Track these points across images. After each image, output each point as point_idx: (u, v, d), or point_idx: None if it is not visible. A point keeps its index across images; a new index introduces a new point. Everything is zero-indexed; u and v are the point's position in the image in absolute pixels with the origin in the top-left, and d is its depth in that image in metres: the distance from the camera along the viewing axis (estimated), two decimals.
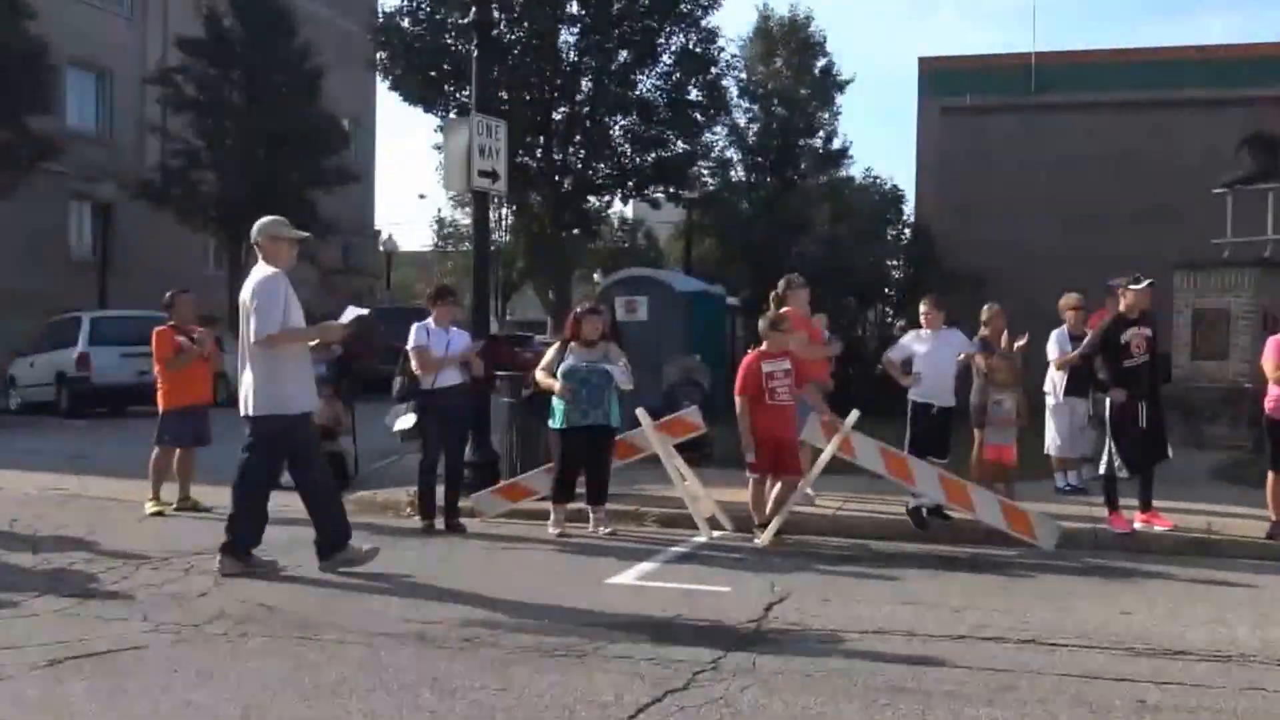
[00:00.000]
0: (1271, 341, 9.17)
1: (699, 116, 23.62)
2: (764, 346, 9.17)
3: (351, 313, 9.06)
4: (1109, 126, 20.46)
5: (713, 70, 23.32)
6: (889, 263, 22.76)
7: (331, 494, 7.84)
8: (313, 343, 7.98)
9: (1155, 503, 9.28)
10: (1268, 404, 9.12)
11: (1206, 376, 14.32)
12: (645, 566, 8.10)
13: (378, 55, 24.49)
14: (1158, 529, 9.10)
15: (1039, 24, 59.49)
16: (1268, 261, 14.67)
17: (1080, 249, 17.85)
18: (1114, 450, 9.09)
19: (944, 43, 68.43)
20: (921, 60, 23.76)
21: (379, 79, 26.21)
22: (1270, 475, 9.01)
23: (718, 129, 24.50)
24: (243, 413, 7.58)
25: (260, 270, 7.59)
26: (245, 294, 7.58)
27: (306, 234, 8.43)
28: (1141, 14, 55.65)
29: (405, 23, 24.13)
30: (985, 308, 10.46)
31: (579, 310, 9.70)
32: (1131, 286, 9.23)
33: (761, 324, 9.39)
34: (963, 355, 9.81)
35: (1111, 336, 9.19)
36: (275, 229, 7.72)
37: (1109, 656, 5.81)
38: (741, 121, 24.83)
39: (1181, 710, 5.01)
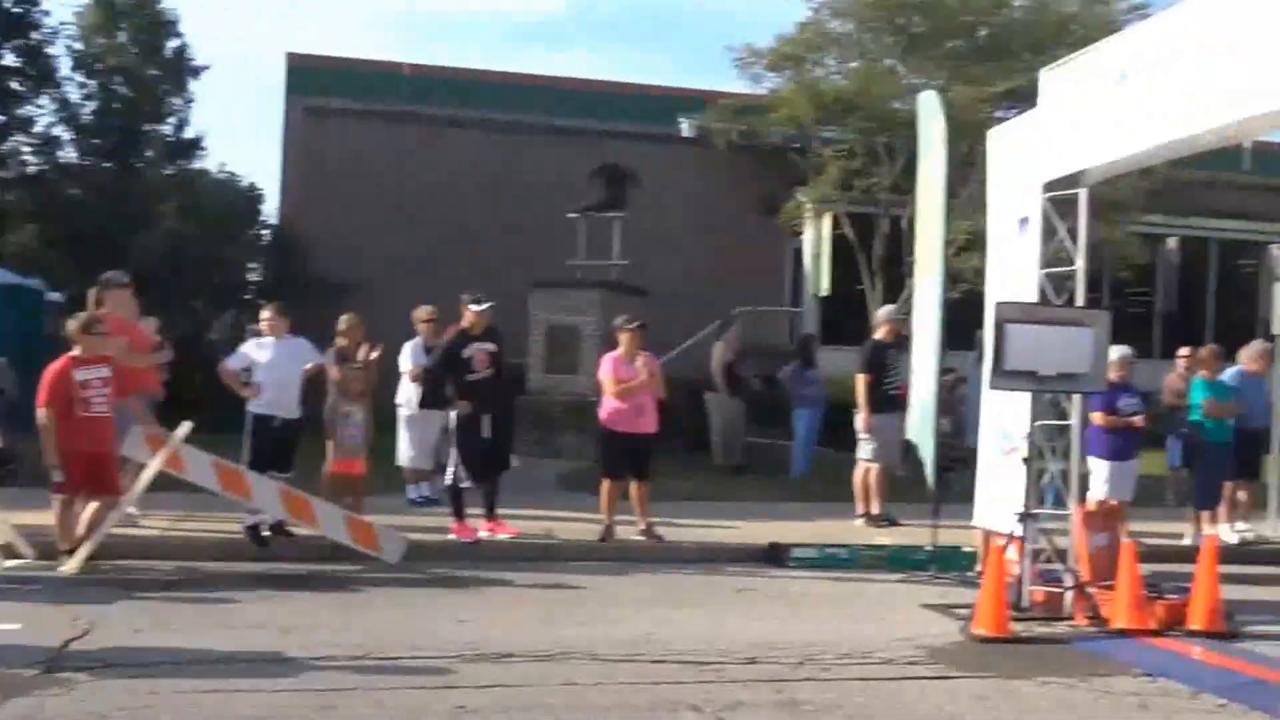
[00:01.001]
0: (607, 358, 10.09)
1: (16, 86, 21.23)
2: (76, 351, 8.27)
3: None
4: (479, 144, 21.47)
5: (33, 35, 21.14)
6: (249, 265, 21.97)
7: None
8: None
9: (503, 511, 9.75)
10: (602, 415, 10.01)
11: (558, 389, 15.49)
12: None
13: None
14: (501, 536, 9.57)
15: (414, 34, 61.47)
16: (612, 284, 16.23)
17: (450, 262, 18.50)
18: (458, 461, 9.42)
19: (316, 40, 68.25)
20: (290, 56, 23.25)
21: None
22: (605, 482, 9.90)
23: (41, 102, 22.09)
24: None
25: None
26: None
27: None
28: (516, 39, 59.98)
29: None
30: (343, 318, 10.46)
31: None
32: (472, 306, 9.67)
33: (72, 326, 8.45)
34: (309, 365, 9.65)
35: (454, 351, 9.59)
36: None
37: (438, 667, 5.89)
38: (74, 97, 22.53)
39: (498, 710, 5.18)
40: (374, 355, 10.08)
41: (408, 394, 11.25)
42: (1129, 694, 5.91)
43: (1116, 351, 9.97)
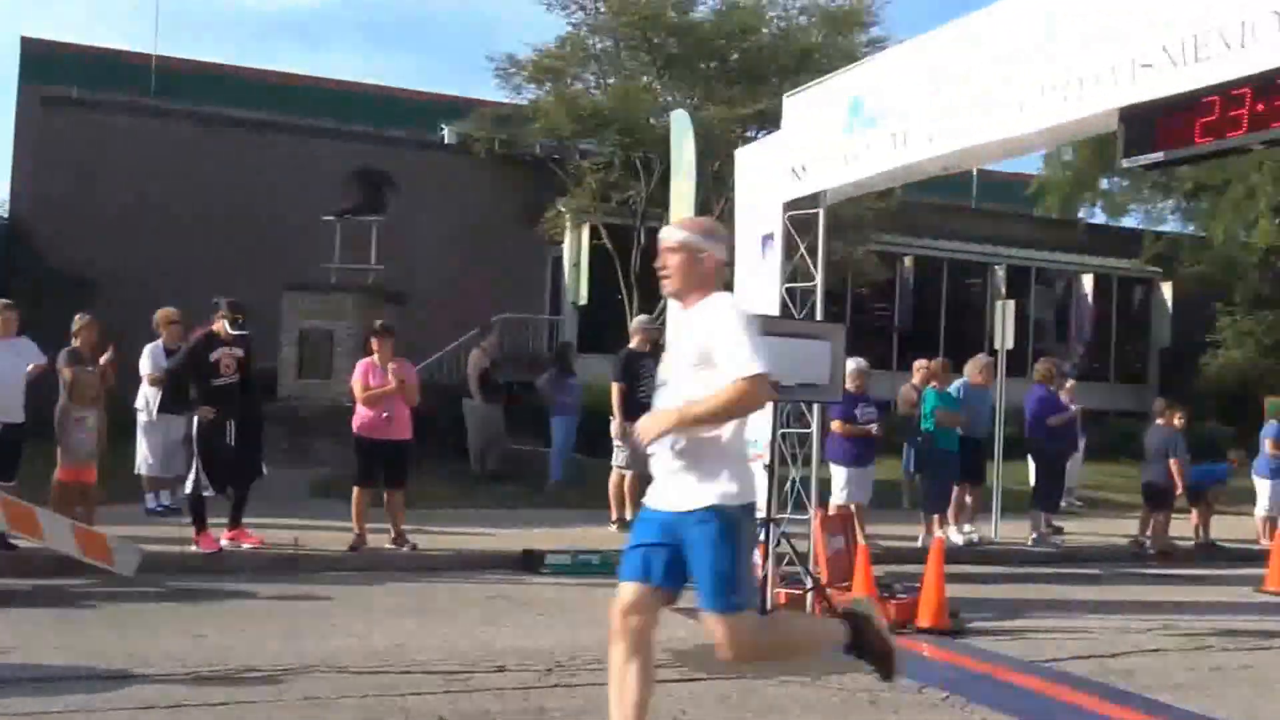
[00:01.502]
0: (360, 364, 9.85)
1: None
2: None
3: None
4: (233, 141, 20.60)
5: None
6: None
7: None
8: None
9: (252, 520, 9.37)
10: (354, 422, 9.76)
11: (311, 395, 14.99)
12: None
13: None
14: (245, 546, 9.19)
15: (166, 26, 58.50)
16: (369, 289, 15.86)
17: (198, 262, 17.67)
18: (201, 468, 8.99)
19: (54, 25, 64.04)
20: (25, 40, 21.70)
21: None
22: (356, 490, 9.64)
23: None
24: None
25: None
26: None
27: None
28: (275, 35, 57.92)
29: None
30: (77, 317, 9.82)
31: None
32: (224, 313, 9.29)
33: None
34: (32, 366, 9.02)
35: (200, 354, 9.17)
36: None
37: (165, 686, 5.56)
38: None
39: None
40: (105, 357, 9.50)
41: (147, 398, 10.67)
42: (861, 690, 6.16)
43: (853, 363, 10.48)
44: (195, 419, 9.06)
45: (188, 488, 9.17)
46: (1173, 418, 12.43)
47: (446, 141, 22.52)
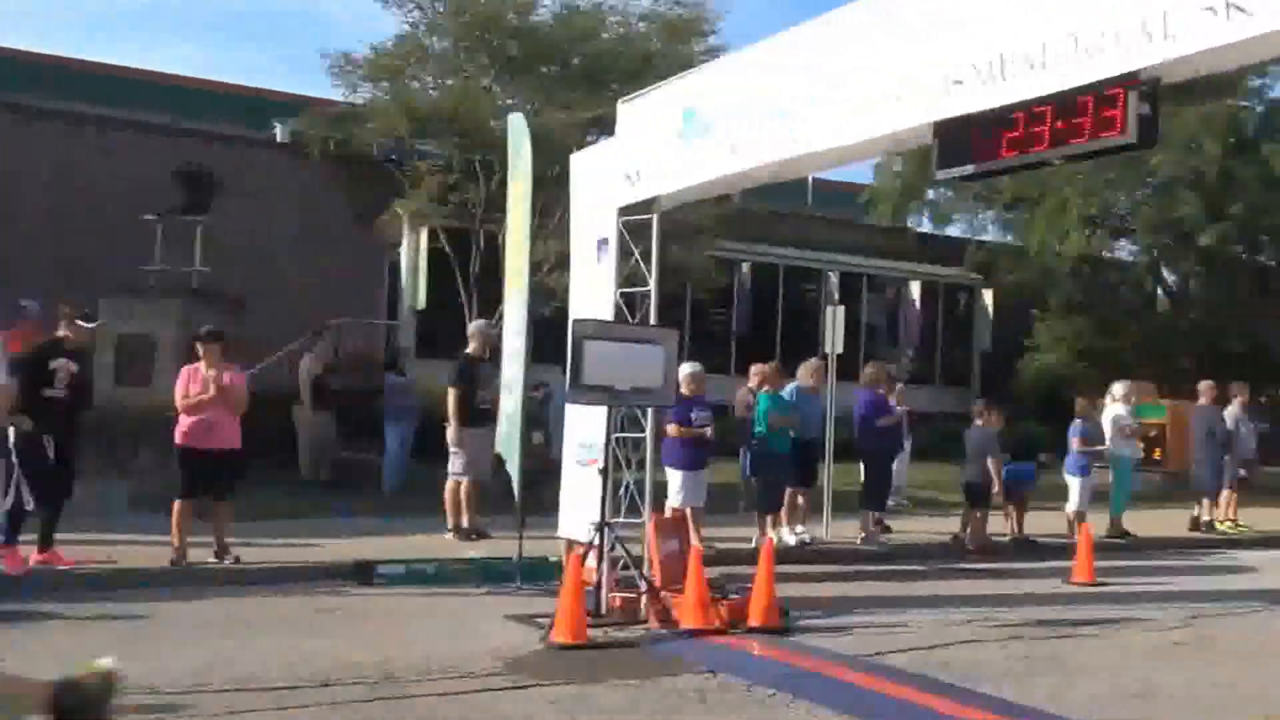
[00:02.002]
0: (183, 371, 9.51)
1: None
2: None
3: None
4: (50, 136, 19.61)
5: None
6: None
7: None
8: None
9: (66, 536, 8.94)
10: (177, 432, 9.40)
11: (131, 404, 14.35)
12: None
13: None
14: (59, 567, 8.75)
15: None
16: (195, 292, 15.28)
17: (15, 261, 16.79)
18: (22, 482, 8.52)
19: None
20: None
21: None
22: (177, 503, 9.28)
23: None
24: None
25: None
26: None
27: None
28: (107, 28, 55.35)
29: None
30: None
31: None
32: (80, 322, 9.02)
33: None
34: None
35: (42, 359, 8.84)
36: None
37: None
38: None
39: None
40: None
41: None
42: (691, 691, 6.25)
43: (688, 367, 10.62)
44: (12, 430, 8.56)
45: (6, 503, 8.64)
46: (991, 418, 12.96)
47: (279, 140, 21.90)
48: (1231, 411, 15.11)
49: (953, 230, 27.51)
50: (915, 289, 26.67)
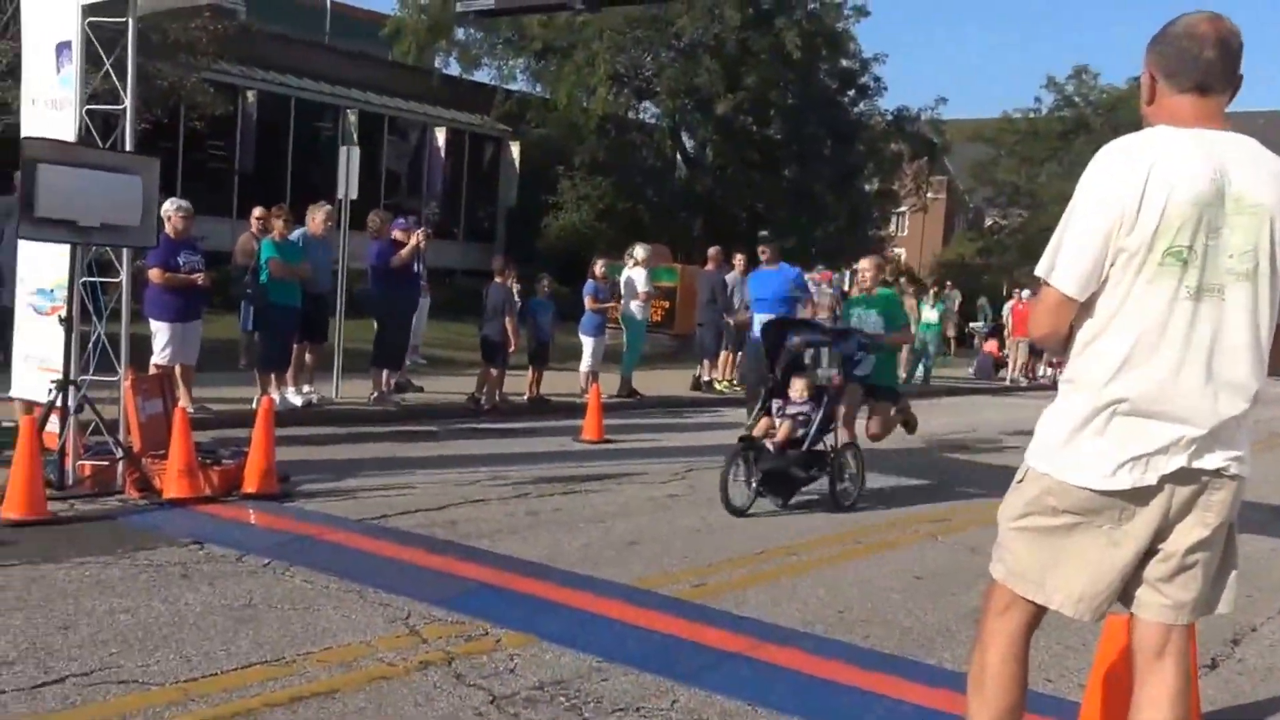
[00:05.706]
0: None
1: None
2: None
3: None
4: None
5: None
6: None
7: None
8: None
9: None
10: None
11: None
12: None
13: None
14: None
15: None
16: None
17: None
18: None
19: None
20: None
21: None
22: None
23: None
24: None
25: None
26: None
27: None
28: None
29: None
30: None
31: None
32: None
33: None
34: None
35: None
36: None
37: None
38: None
39: None
40: None
41: None
42: (173, 564, 5.90)
43: (173, 204, 9.85)
44: None
45: None
46: (509, 277, 13.20)
47: None
48: (733, 277, 16.42)
49: (481, 76, 27.56)
50: (440, 135, 26.53)
